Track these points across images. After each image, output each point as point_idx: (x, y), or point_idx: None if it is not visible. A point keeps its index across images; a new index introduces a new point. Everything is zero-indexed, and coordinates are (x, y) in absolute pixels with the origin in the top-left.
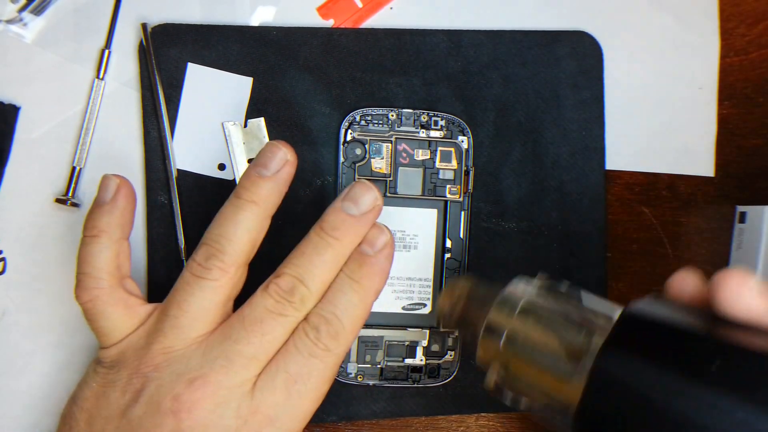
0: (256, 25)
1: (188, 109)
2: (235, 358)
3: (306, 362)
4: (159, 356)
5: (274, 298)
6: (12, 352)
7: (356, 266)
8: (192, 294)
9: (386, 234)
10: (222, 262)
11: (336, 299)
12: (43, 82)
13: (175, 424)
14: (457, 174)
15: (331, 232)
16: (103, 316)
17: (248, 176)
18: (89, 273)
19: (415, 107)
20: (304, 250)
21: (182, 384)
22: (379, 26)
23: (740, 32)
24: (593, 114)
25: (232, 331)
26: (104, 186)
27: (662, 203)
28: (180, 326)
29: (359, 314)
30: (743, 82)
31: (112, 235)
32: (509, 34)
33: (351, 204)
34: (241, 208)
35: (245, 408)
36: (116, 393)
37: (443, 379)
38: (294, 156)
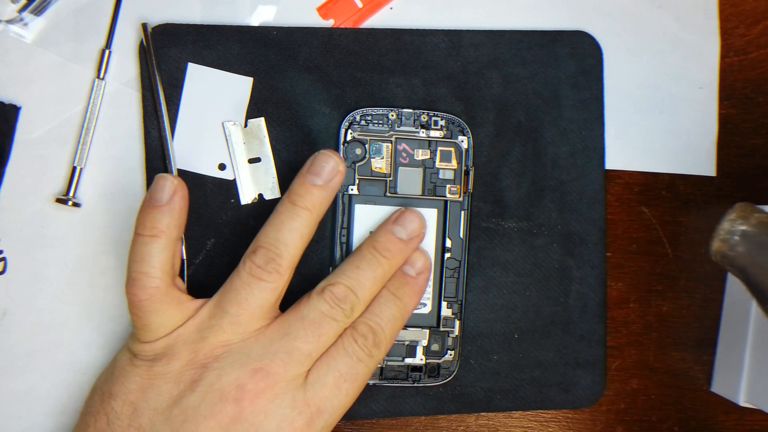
0: (257, 25)
1: (188, 109)
2: (294, 353)
3: (354, 364)
4: (219, 348)
5: (329, 304)
6: (12, 351)
7: (400, 284)
8: (252, 294)
9: (427, 259)
10: (279, 266)
11: (381, 312)
12: (43, 82)
13: (237, 411)
14: (456, 174)
15: (383, 252)
16: (157, 313)
17: (302, 183)
18: (147, 272)
19: (415, 107)
20: (359, 264)
21: (246, 374)
22: (379, 26)
23: (740, 32)
24: (593, 114)
25: (292, 328)
26: (160, 186)
27: (662, 203)
28: (240, 323)
29: (398, 327)
30: (743, 82)
31: (170, 236)
32: (509, 34)
33: (401, 228)
34: (297, 215)
35: (300, 399)
36: (168, 384)
37: (443, 378)
38: (344, 166)
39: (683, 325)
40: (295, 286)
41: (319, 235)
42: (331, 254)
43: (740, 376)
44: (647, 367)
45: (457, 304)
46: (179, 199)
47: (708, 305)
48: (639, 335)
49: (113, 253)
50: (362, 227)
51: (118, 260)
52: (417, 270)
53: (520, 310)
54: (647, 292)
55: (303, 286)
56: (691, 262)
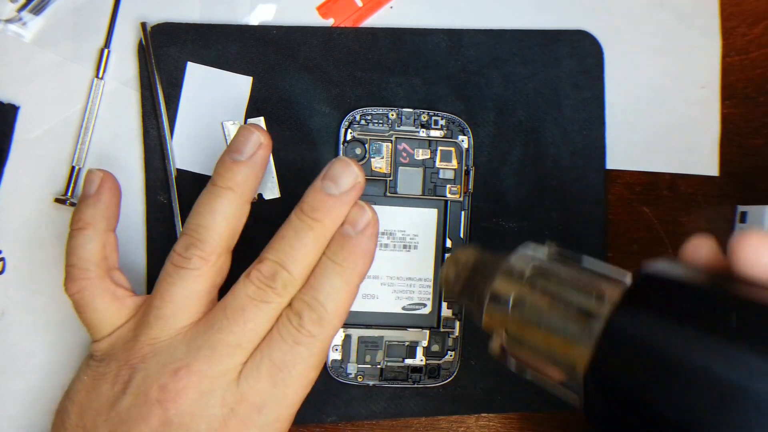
0: (256, 24)
1: (188, 109)
2: (219, 346)
3: (290, 349)
4: (145, 347)
5: (256, 285)
6: (11, 351)
7: (338, 248)
8: (173, 284)
9: (368, 213)
10: (202, 251)
11: (318, 284)
12: (42, 82)
13: (162, 413)
14: (457, 173)
15: (310, 214)
16: (91, 308)
17: (223, 162)
18: (76, 264)
19: (415, 107)
20: (285, 233)
21: (167, 374)
22: (379, 25)
23: (741, 32)
24: (594, 113)
25: (215, 320)
26: (88, 180)
27: (663, 203)
28: (164, 317)
29: (344, 298)
30: (744, 82)
31: (97, 227)
32: (509, 34)
33: (331, 183)
34: (217, 196)
35: (231, 396)
36: (106, 385)
37: (443, 379)
38: (268, 138)
39: None
40: None
41: None
42: None
43: None
44: None
45: (458, 304)
46: (106, 191)
47: None
48: None
49: None
50: None
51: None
52: (358, 228)
53: None
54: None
55: None
56: None
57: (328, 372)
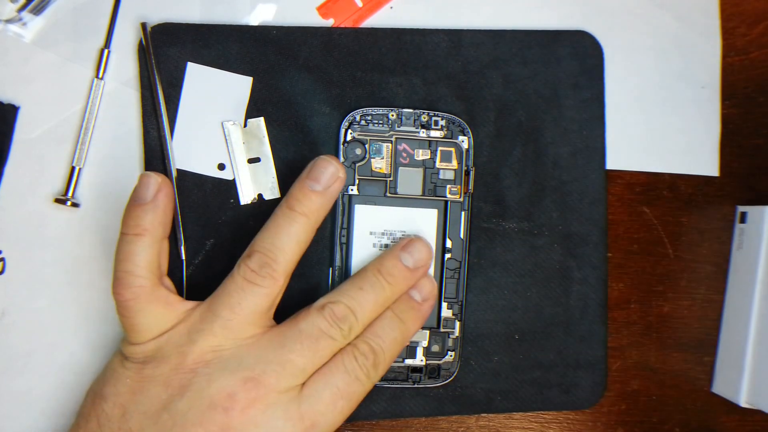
0: (256, 24)
1: (188, 109)
2: (288, 366)
3: (351, 382)
4: (209, 353)
5: (328, 321)
6: (11, 352)
7: (405, 308)
8: (245, 299)
9: (434, 286)
10: (275, 271)
11: (384, 334)
12: (42, 82)
13: (226, 420)
14: (457, 174)
15: (387, 278)
16: (143, 313)
17: (301, 188)
18: (131, 271)
19: (415, 107)
20: (362, 285)
21: (237, 382)
22: (379, 26)
23: (741, 32)
24: (594, 114)
25: (288, 341)
26: (144, 184)
27: (663, 203)
28: (231, 328)
29: (398, 350)
30: (744, 82)
31: (155, 234)
32: (510, 34)
33: (409, 256)
34: (294, 221)
35: (293, 412)
36: (157, 388)
37: (443, 379)
38: (344, 173)
39: (684, 325)
40: (293, 287)
41: (319, 236)
42: (330, 254)
43: (741, 376)
44: (648, 367)
45: (458, 304)
46: (163, 197)
47: (709, 306)
48: (640, 336)
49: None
50: (362, 228)
51: None
52: (423, 296)
53: (521, 310)
54: (648, 293)
55: (301, 286)
56: (692, 262)
57: None
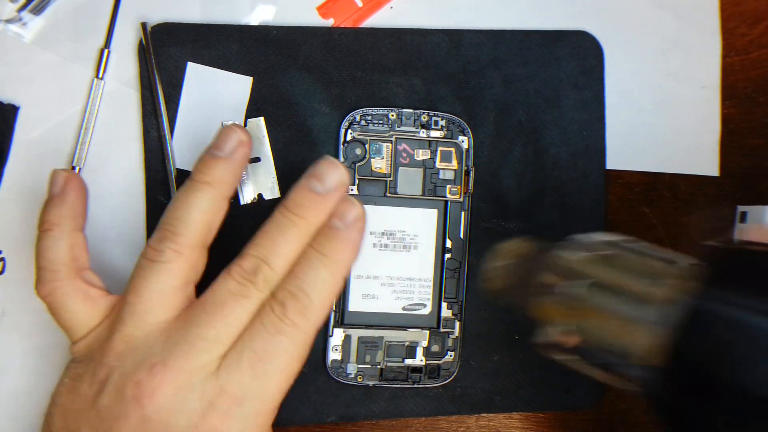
0: (256, 24)
1: (188, 109)
2: (196, 341)
3: (272, 339)
4: (120, 344)
5: (237, 280)
6: (11, 352)
7: (325, 240)
8: (146, 278)
9: (358, 207)
10: (175, 244)
11: (303, 274)
12: (42, 82)
13: (139, 410)
14: (457, 174)
15: (294, 210)
16: (65, 309)
17: (202, 159)
18: (44, 267)
19: (415, 107)
20: (267, 229)
21: (143, 370)
22: (379, 26)
23: (741, 32)
24: (594, 114)
25: (193, 315)
26: (53, 180)
27: (663, 203)
28: (138, 312)
29: (329, 289)
30: (744, 82)
31: (63, 228)
32: (510, 34)
33: (316, 181)
34: (194, 190)
35: (210, 390)
36: (84, 386)
37: (443, 379)
38: (248, 137)
39: None
40: None
41: None
42: None
43: None
44: None
45: (458, 304)
46: (71, 190)
47: None
48: None
49: (112, 253)
50: None
51: (117, 260)
52: (346, 222)
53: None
54: None
55: None
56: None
57: (328, 372)
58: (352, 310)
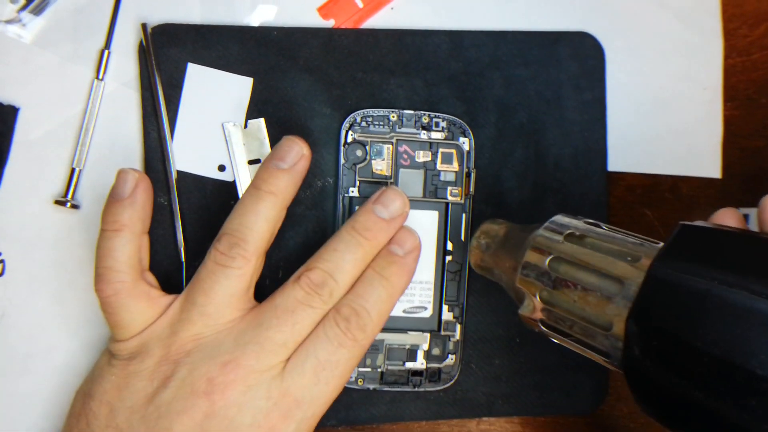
0: (257, 25)
1: (188, 110)
2: (266, 343)
3: (335, 350)
4: (189, 343)
5: (305, 290)
6: (11, 353)
7: (386, 264)
8: (217, 282)
9: (415, 238)
10: (245, 251)
11: (366, 293)
12: (42, 83)
13: (209, 405)
14: (458, 176)
15: (363, 233)
16: (125, 309)
17: (266, 168)
18: (111, 267)
19: (416, 108)
20: (336, 246)
21: (216, 367)
22: (380, 27)
23: (742, 33)
24: (595, 115)
25: (264, 318)
26: (122, 180)
27: (664, 205)
28: (208, 314)
29: (386, 309)
30: (746, 83)
31: (134, 229)
32: (511, 35)
33: (382, 208)
34: (261, 199)
35: (275, 390)
36: (142, 382)
37: (444, 383)
38: (309, 151)
39: None
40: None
41: (320, 237)
42: None
43: None
44: None
45: (459, 307)
46: (141, 192)
47: None
48: None
49: None
50: None
51: None
52: (405, 249)
53: None
54: None
55: None
56: None
57: None
58: None
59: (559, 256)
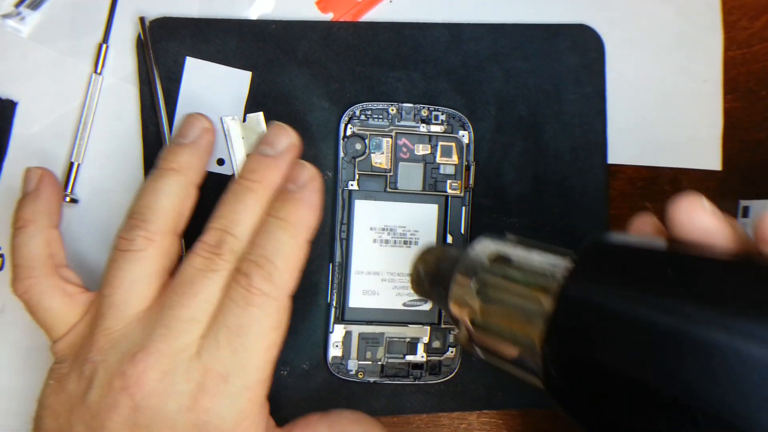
0: (255, 18)
1: (187, 104)
2: (173, 324)
3: (243, 312)
4: (101, 339)
5: (202, 256)
6: (10, 348)
7: (280, 204)
8: (119, 268)
9: (309, 168)
10: (146, 231)
11: (264, 241)
12: (40, 78)
13: (129, 400)
14: (457, 169)
15: (248, 176)
16: (42, 307)
17: (167, 147)
18: (21, 264)
19: (415, 102)
20: (225, 200)
21: (126, 361)
22: (379, 20)
23: (742, 25)
24: (595, 108)
25: (166, 299)
26: (27, 178)
27: (665, 197)
28: (115, 304)
29: (292, 252)
30: (746, 75)
31: (38, 224)
32: (510, 28)
33: (266, 146)
34: (160, 176)
35: (194, 371)
36: (72, 384)
37: (444, 376)
38: (211, 125)
39: None
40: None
41: (319, 232)
42: (330, 250)
43: None
44: None
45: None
46: (45, 187)
47: None
48: None
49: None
50: (362, 223)
51: None
52: (300, 183)
53: None
54: None
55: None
56: None
57: (329, 368)
58: (353, 306)
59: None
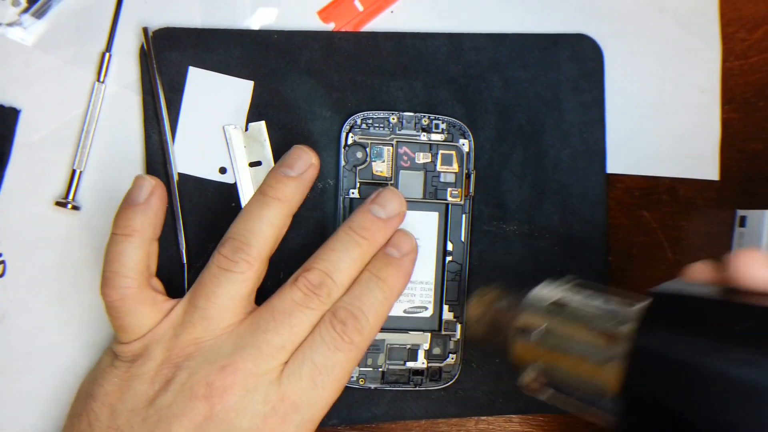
0: (257, 28)
1: (189, 113)
2: (264, 347)
3: (331, 354)
4: (190, 346)
5: (303, 291)
6: (11, 354)
7: (382, 266)
8: (219, 286)
9: (412, 240)
10: (248, 255)
11: (362, 295)
12: (43, 85)
13: (207, 409)
14: (458, 177)
15: (360, 232)
16: (130, 314)
17: (274, 175)
18: (119, 271)
19: (416, 110)
20: (333, 246)
21: (215, 371)
22: (380, 30)
23: (740, 37)
24: (594, 117)
25: (262, 321)
26: (138, 186)
27: (662, 207)
28: (209, 317)
29: (383, 311)
30: (744, 86)
31: (144, 235)
32: (510, 38)
33: (379, 207)
34: (267, 205)
35: (273, 394)
36: (143, 385)
37: (445, 382)
38: (318, 160)
39: None
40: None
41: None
42: None
43: None
44: None
45: (459, 307)
46: (156, 200)
47: None
48: None
49: None
50: None
51: None
52: (402, 252)
53: None
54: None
55: None
56: None
57: None
58: None
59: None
